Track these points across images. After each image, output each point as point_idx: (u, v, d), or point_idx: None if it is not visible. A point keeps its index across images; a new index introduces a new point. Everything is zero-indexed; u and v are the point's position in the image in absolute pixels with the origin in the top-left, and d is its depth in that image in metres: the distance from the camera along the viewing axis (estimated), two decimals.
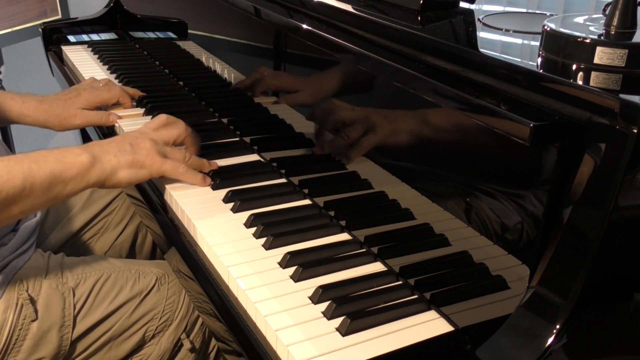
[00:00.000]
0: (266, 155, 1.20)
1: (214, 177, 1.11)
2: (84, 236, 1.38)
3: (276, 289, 0.85)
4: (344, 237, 0.97)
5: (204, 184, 1.09)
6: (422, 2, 0.95)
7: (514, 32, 0.88)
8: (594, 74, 0.69)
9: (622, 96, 0.63)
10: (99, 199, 1.40)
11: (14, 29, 2.26)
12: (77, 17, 2.02)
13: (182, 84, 1.58)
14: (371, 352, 0.75)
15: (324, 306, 0.81)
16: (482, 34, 0.88)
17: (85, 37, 1.95)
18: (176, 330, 1.14)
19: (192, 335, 1.15)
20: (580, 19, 0.78)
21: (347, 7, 1.00)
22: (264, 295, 0.84)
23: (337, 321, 0.79)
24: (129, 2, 1.95)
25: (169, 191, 1.08)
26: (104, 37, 1.97)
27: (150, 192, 1.13)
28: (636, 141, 0.61)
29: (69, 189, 0.93)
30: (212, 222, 1.00)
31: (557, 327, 0.65)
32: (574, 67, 0.71)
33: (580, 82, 0.68)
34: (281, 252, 0.92)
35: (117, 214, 1.42)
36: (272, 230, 0.96)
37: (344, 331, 0.77)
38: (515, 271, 0.74)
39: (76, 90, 1.38)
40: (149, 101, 1.44)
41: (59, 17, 2.40)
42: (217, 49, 1.48)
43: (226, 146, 1.25)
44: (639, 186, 0.63)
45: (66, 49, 1.85)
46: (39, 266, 1.06)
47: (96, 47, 1.83)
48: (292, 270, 0.88)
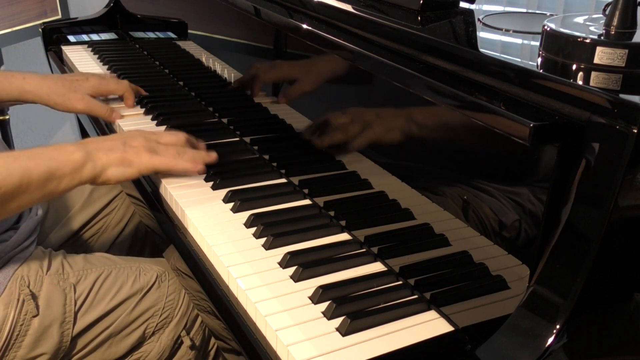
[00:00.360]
0: (266, 155, 1.20)
1: (214, 177, 1.11)
2: (84, 235, 1.38)
3: (276, 289, 0.85)
4: (344, 237, 0.97)
5: (194, 167, 1.08)
6: (422, 2, 0.95)
7: (514, 32, 0.88)
8: (594, 74, 0.69)
9: (622, 96, 0.63)
10: (98, 198, 1.40)
11: (14, 29, 2.26)
12: (77, 17, 2.02)
13: (182, 84, 1.58)
14: (371, 352, 0.75)
15: (324, 306, 0.81)
16: (482, 34, 0.88)
17: (85, 37, 1.95)
18: (176, 327, 1.14)
19: (192, 332, 1.15)
20: (580, 19, 0.78)
21: (347, 7, 1.00)
22: (264, 295, 0.84)
23: (337, 321, 0.79)
24: (129, 2, 1.95)
25: (169, 191, 1.08)
26: (104, 37, 1.97)
27: (149, 192, 1.14)
28: (636, 141, 0.61)
29: (63, 185, 0.96)
30: (212, 222, 1.00)
31: (557, 327, 0.65)
32: (574, 67, 0.71)
33: (580, 82, 0.68)
34: (281, 252, 0.92)
35: (117, 213, 1.42)
36: (272, 230, 0.96)
37: (344, 331, 0.77)
38: (515, 271, 0.74)
39: (84, 75, 1.37)
40: (149, 101, 1.44)
41: (59, 17, 2.39)
42: (217, 49, 1.48)
43: (226, 146, 1.25)
44: (639, 186, 0.63)
45: (66, 49, 1.85)
46: (40, 262, 1.06)
47: (96, 47, 1.83)
48: (292, 270, 0.88)
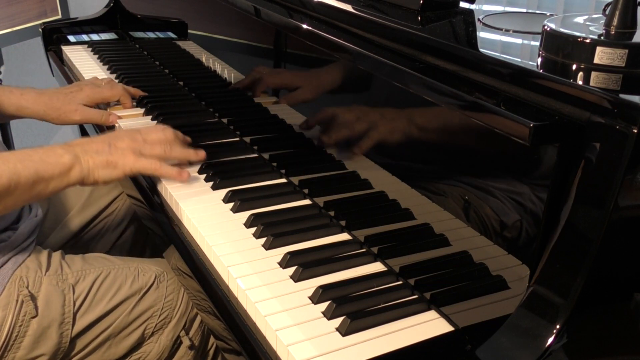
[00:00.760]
0: (266, 155, 1.20)
1: (214, 177, 1.11)
2: (84, 237, 1.37)
3: (276, 289, 0.85)
4: (344, 237, 0.97)
5: (179, 177, 1.08)
6: (422, 2, 0.95)
7: (514, 32, 0.88)
8: (594, 74, 0.69)
9: (622, 96, 0.63)
10: (98, 199, 1.40)
11: (14, 29, 2.26)
12: (77, 17, 2.02)
13: (182, 84, 1.58)
14: (371, 352, 0.75)
15: (324, 306, 0.81)
16: (482, 34, 0.88)
17: (85, 37, 1.95)
18: (175, 327, 1.14)
19: (191, 332, 1.15)
20: (580, 19, 0.78)
21: (347, 7, 1.00)
22: (264, 295, 0.84)
23: (337, 321, 0.79)
24: (129, 2, 1.95)
25: (169, 191, 1.08)
26: (104, 37, 1.97)
27: (150, 193, 1.14)
28: (636, 141, 0.61)
29: (51, 187, 0.97)
30: (212, 221, 1.00)
31: (557, 327, 0.64)
32: (574, 67, 0.71)
33: (580, 82, 0.68)
34: (281, 252, 0.92)
35: (118, 215, 1.42)
36: (272, 230, 0.96)
37: (344, 331, 0.77)
38: (515, 271, 0.74)
39: (78, 85, 1.38)
40: (149, 101, 1.44)
41: (59, 17, 2.40)
42: (217, 49, 1.48)
43: (226, 146, 1.25)
44: (639, 186, 0.63)
45: (66, 49, 1.85)
46: (39, 263, 1.06)
47: (96, 47, 1.82)
48: (292, 270, 0.88)
